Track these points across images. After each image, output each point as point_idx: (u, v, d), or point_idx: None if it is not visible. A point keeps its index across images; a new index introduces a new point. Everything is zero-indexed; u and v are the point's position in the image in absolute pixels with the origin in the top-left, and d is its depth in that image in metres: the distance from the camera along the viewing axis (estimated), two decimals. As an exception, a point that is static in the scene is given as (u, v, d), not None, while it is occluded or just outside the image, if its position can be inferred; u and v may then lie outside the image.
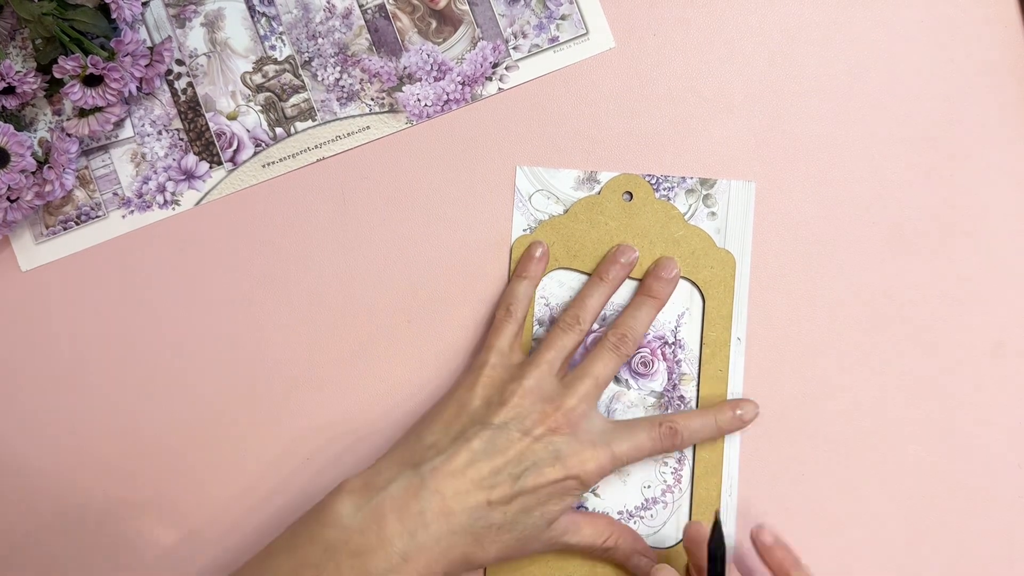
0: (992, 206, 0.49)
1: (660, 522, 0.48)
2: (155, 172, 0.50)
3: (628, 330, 0.46)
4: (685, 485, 0.48)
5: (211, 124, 0.50)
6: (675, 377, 0.49)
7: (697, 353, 0.49)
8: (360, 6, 0.50)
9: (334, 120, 0.50)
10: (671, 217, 0.49)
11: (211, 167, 0.50)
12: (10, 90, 0.47)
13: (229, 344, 0.49)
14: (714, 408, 0.47)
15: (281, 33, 0.50)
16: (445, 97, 0.50)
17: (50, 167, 0.47)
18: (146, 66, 0.48)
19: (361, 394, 0.49)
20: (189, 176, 0.50)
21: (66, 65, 0.45)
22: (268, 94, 0.50)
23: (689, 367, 0.49)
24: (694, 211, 0.49)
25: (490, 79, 0.50)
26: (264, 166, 0.50)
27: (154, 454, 0.49)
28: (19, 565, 0.49)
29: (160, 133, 0.50)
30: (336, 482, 0.43)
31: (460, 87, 0.50)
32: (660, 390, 0.49)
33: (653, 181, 0.49)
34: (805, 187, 0.49)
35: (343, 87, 0.50)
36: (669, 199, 0.49)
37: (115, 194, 0.50)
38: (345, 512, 0.41)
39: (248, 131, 0.50)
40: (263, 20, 0.50)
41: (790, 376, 0.49)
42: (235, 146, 0.50)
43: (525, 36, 0.50)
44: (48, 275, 0.50)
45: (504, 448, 0.42)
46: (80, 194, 0.50)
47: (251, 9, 0.50)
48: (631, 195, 0.49)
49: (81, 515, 0.49)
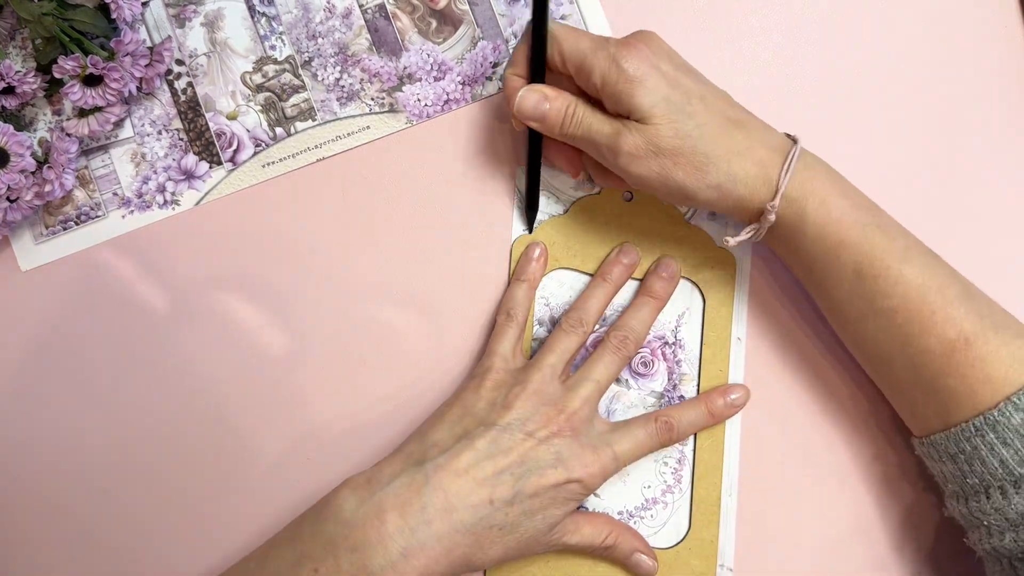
0: (992, 206, 0.49)
1: (660, 522, 0.48)
2: (155, 172, 0.50)
3: (629, 331, 0.46)
4: (685, 485, 0.48)
5: (211, 124, 0.50)
6: (675, 377, 0.49)
7: (697, 353, 0.49)
8: (360, 6, 0.50)
9: (334, 120, 0.50)
10: (671, 217, 0.49)
11: (211, 167, 0.50)
12: (10, 90, 0.47)
13: (229, 344, 0.49)
14: (705, 396, 0.47)
15: (281, 33, 0.50)
16: (445, 97, 0.50)
17: (50, 167, 0.47)
18: (146, 66, 0.48)
19: (361, 394, 0.49)
20: (189, 176, 0.50)
21: (66, 65, 0.45)
22: (268, 94, 0.50)
23: (689, 367, 0.49)
24: (694, 211, 0.49)
25: (490, 79, 0.50)
26: (264, 166, 0.50)
27: (154, 453, 0.49)
28: (19, 565, 0.49)
29: (160, 133, 0.50)
30: (337, 483, 0.43)
31: (460, 87, 0.50)
32: (660, 390, 0.49)
33: (653, 181, 0.49)
34: (805, 187, 0.49)
35: (343, 87, 0.50)
36: (669, 199, 0.49)
37: (115, 194, 0.50)
38: (347, 507, 0.42)
39: (248, 131, 0.50)
40: (263, 20, 0.50)
41: (790, 376, 0.49)
42: (235, 146, 0.50)
43: (525, 36, 0.50)
44: (48, 275, 0.50)
45: (508, 449, 0.43)
46: (80, 194, 0.50)
47: (251, 9, 0.50)
48: (631, 195, 0.49)
49: (81, 514, 0.49)
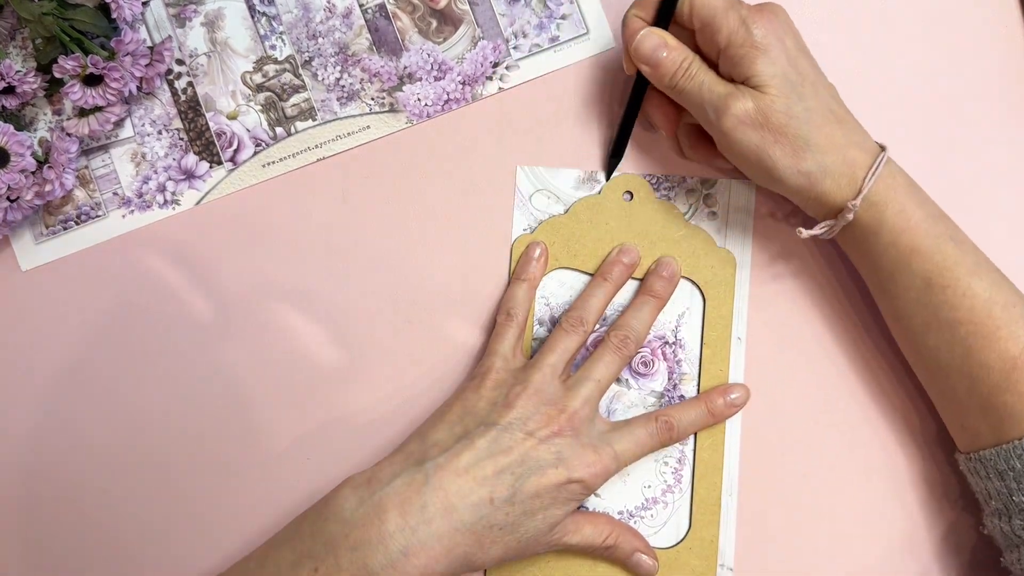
0: (992, 206, 0.49)
1: (660, 522, 0.48)
2: (155, 172, 0.50)
3: (630, 331, 0.46)
4: (685, 485, 0.48)
5: (211, 124, 0.50)
6: (675, 377, 0.49)
7: (697, 353, 0.49)
8: (360, 6, 0.50)
9: (334, 120, 0.50)
10: (672, 217, 0.49)
11: (211, 167, 0.50)
12: (10, 90, 0.47)
13: (229, 344, 0.49)
14: (705, 396, 0.47)
15: (281, 33, 0.50)
16: (445, 97, 0.50)
17: (50, 167, 0.47)
18: (146, 66, 0.48)
19: (362, 394, 0.49)
20: (189, 176, 0.50)
21: (66, 65, 0.45)
22: (268, 94, 0.50)
23: (689, 367, 0.49)
24: (694, 211, 0.49)
25: (490, 79, 0.50)
26: (264, 166, 0.50)
27: (155, 453, 0.49)
28: (19, 564, 0.49)
29: (160, 133, 0.50)
30: (337, 482, 0.43)
31: (460, 87, 0.50)
32: (660, 390, 0.49)
33: (653, 181, 0.49)
34: (805, 187, 0.49)
35: (343, 87, 0.50)
36: (670, 199, 0.49)
37: (115, 194, 0.50)
38: (347, 506, 0.42)
39: (248, 131, 0.50)
40: (263, 20, 0.50)
41: (790, 376, 0.49)
42: (235, 146, 0.50)
43: (525, 36, 0.50)
44: (48, 275, 0.50)
45: (508, 448, 0.42)
46: (80, 194, 0.50)
47: (251, 9, 0.50)
48: (631, 195, 0.49)
49: (81, 514, 0.49)
